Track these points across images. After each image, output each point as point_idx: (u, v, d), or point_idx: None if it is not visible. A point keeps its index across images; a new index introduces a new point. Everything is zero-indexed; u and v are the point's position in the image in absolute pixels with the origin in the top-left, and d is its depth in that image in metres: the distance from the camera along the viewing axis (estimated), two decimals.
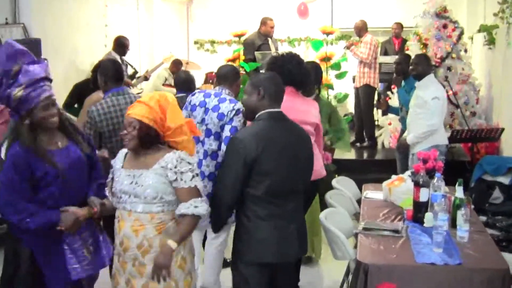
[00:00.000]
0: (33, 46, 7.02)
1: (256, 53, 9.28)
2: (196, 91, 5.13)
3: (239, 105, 4.61)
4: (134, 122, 3.30)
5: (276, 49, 9.56)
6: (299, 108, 4.71)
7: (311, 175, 4.10)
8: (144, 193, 3.31)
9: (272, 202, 3.70)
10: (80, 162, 3.57)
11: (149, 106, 3.32)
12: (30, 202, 3.35)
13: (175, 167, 3.31)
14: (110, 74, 4.98)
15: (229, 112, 4.60)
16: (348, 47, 9.91)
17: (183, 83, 6.50)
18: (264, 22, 9.67)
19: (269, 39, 9.63)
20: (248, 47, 9.59)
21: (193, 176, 3.37)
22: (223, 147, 4.51)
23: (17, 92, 3.24)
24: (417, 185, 4.45)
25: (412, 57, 6.78)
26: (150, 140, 3.36)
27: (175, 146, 3.41)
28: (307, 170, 4.02)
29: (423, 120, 6.17)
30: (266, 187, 3.66)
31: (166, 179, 3.31)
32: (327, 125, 5.99)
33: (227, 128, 4.59)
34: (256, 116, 3.83)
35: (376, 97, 10.09)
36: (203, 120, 4.70)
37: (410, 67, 6.55)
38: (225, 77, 4.97)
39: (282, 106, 3.90)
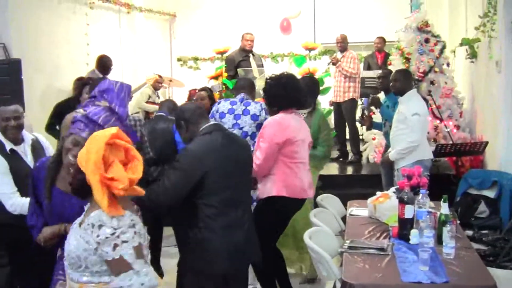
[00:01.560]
0: (13, 66, 7.00)
1: (239, 70, 9.24)
2: (221, 99, 6.03)
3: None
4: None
5: (259, 65, 9.51)
6: (306, 128, 5.16)
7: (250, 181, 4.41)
8: (68, 258, 2.79)
9: (223, 212, 3.87)
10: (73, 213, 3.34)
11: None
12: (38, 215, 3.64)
13: (93, 233, 2.69)
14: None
15: (260, 112, 5.31)
16: (334, 63, 9.89)
17: (170, 110, 6.44)
18: (242, 36, 9.66)
19: (250, 55, 9.57)
20: (229, 64, 9.56)
21: (116, 245, 2.66)
22: None
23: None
24: (402, 202, 4.41)
25: (394, 71, 6.80)
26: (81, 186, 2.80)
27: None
28: (249, 177, 4.30)
29: (404, 135, 6.18)
30: (218, 198, 3.85)
31: (88, 245, 2.70)
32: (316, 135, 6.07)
33: None
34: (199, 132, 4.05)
35: (359, 113, 10.10)
36: (234, 125, 5.58)
37: (390, 84, 6.57)
38: (243, 86, 6.00)
39: (292, 128, 4.72)
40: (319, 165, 6.36)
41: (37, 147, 4.70)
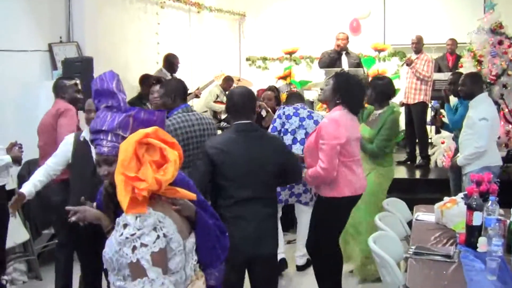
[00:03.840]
0: (86, 64, 7.17)
1: (322, 69, 9.25)
2: (285, 105, 6.45)
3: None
4: None
5: (352, 64, 9.45)
6: (357, 124, 5.33)
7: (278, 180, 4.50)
8: (104, 259, 2.64)
9: (237, 204, 4.21)
10: None
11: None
12: None
13: (117, 232, 2.51)
14: (180, 91, 5.20)
15: (322, 119, 5.46)
16: (408, 64, 9.76)
17: None
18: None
19: (343, 54, 9.55)
20: (321, 59, 9.76)
21: (134, 248, 2.44)
22: None
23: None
24: (470, 208, 4.30)
25: (463, 75, 6.66)
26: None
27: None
28: (268, 176, 4.35)
29: (471, 141, 6.05)
30: (229, 193, 4.22)
31: (116, 246, 2.53)
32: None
33: None
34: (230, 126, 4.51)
35: (431, 113, 9.94)
36: (300, 126, 6.20)
37: (458, 88, 6.44)
38: (301, 97, 6.84)
39: (349, 126, 4.90)
40: (378, 161, 6.25)
41: None
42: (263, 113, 7.21)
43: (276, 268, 4.95)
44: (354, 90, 5.00)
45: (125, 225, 2.45)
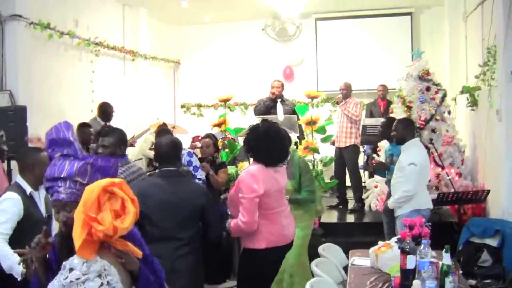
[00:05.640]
0: (19, 113, 7.08)
1: (257, 117, 9.32)
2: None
3: None
4: None
5: (287, 111, 9.55)
6: (284, 174, 5.21)
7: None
8: None
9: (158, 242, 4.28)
10: None
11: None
12: None
13: (62, 275, 2.52)
14: (126, 142, 5.40)
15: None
16: (337, 102, 10.00)
17: None
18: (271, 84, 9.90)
19: (278, 101, 9.65)
20: (257, 107, 9.85)
21: None
22: None
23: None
24: (404, 252, 4.40)
25: (396, 120, 6.86)
26: None
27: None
28: (188, 217, 4.63)
29: (401, 184, 6.22)
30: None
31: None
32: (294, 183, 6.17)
33: None
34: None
35: (364, 158, 10.15)
36: None
37: (392, 133, 6.64)
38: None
39: (268, 177, 4.82)
40: (309, 210, 6.41)
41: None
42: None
43: None
44: (264, 144, 4.93)
45: (71, 269, 2.48)
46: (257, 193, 4.78)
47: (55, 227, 4.79)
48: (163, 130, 7.60)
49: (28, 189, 4.68)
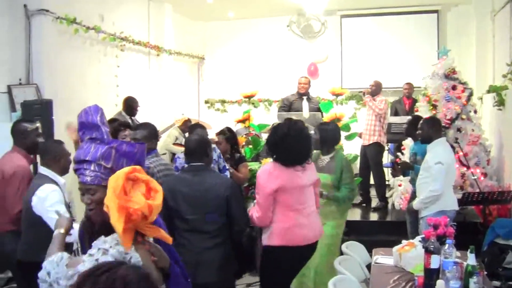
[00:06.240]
0: (45, 106, 7.12)
1: (278, 114, 9.32)
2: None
3: None
4: None
5: (312, 108, 9.57)
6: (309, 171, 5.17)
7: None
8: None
9: (187, 234, 4.63)
10: None
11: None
12: None
13: (92, 256, 2.66)
14: (157, 136, 5.82)
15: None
16: (364, 93, 9.93)
17: None
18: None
19: (304, 98, 9.66)
20: (282, 103, 9.91)
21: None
22: None
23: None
24: (428, 251, 4.36)
25: (422, 119, 6.80)
26: None
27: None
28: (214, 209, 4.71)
29: (427, 184, 6.15)
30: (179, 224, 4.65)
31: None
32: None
33: None
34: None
35: (388, 157, 10.07)
36: None
37: (417, 132, 6.57)
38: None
39: (285, 175, 4.88)
40: (341, 208, 6.34)
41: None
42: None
43: None
44: (285, 144, 4.92)
45: (105, 251, 2.58)
46: (270, 189, 4.82)
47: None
48: (195, 125, 7.58)
49: (61, 180, 4.82)
